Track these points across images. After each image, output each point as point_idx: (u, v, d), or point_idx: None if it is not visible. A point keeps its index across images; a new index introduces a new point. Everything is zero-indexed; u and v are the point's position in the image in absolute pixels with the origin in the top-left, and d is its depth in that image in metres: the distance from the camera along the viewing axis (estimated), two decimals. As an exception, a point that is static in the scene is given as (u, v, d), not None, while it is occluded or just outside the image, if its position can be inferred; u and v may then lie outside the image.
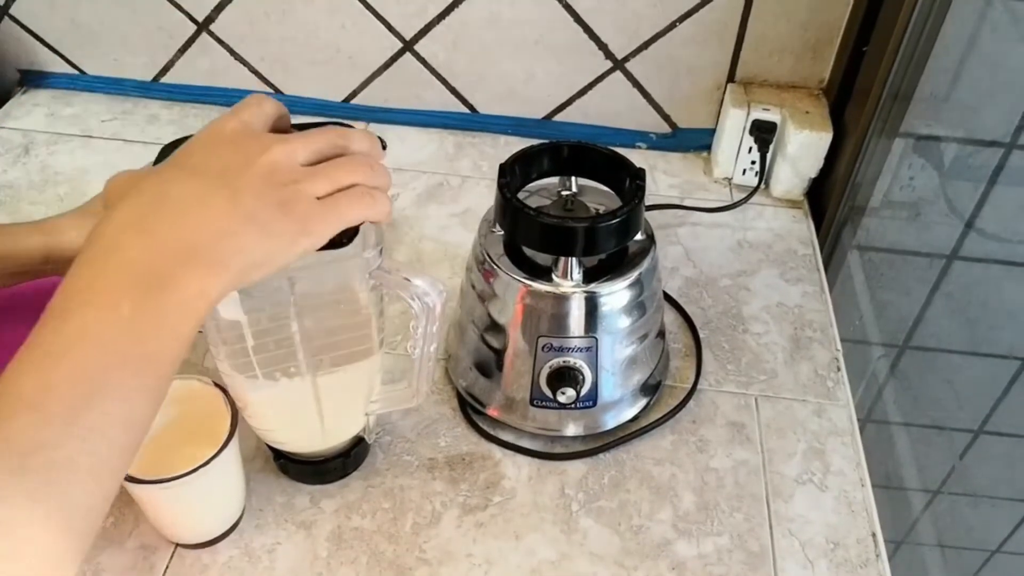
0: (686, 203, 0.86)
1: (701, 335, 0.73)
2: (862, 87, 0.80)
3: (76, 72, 1.00)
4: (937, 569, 1.00)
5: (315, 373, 0.53)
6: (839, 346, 0.73)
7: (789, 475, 0.63)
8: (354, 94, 0.97)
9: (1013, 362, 0.91)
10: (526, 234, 0.61)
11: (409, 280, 0.50)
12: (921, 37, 0.74)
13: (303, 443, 0.60)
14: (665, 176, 0.91)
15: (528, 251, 0.63)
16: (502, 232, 0.64)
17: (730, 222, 0.84)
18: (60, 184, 0.88)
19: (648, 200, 0.85)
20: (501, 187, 0.61)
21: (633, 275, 0.62)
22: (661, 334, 0.69)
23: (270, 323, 0.49)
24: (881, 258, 0.88)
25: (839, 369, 0.71)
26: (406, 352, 0.55)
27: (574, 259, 0.61)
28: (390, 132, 0.96)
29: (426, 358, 0.55)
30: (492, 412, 0.66)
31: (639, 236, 0.63)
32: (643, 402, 0.67)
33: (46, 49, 0.98)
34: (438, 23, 0.88)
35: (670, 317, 0.75)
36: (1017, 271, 0.88)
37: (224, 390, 0.58)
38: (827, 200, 0.85)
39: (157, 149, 0.91)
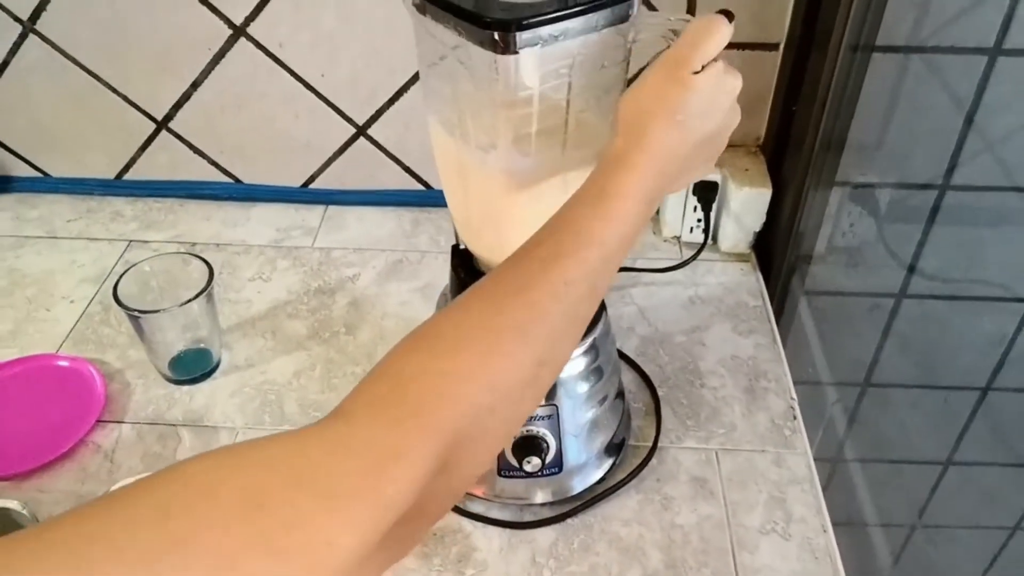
0: (638, 263, 0.89)
1: (660, 392, 0.75)
2: (795, 142, 0.84)
3: (40, 175, 1.02)
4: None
5: (573, 151, 0.53)
6: (794, 394, 0.76)
7: (753, 526, 0.65)
8: (312, 179, 0.99)
9: (971, 393, 0.94)
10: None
11: (667, 17, 0.51)
12: (844, 93, 0.78)
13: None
14: (618, 238, 0.94)
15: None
16: (459, 309, 0.66)
17: (681, 279, 0.88)
18: (28, 286, 0.89)
19: (602, 264, 0.88)
20: (455, 268, 0.64)
21: (588, 341, 0.65)
22: (620, 394, 0.71)
23: (550, 90, 0.50)
24: (830, 303, 0.92)
25: (795, 417, 0.73)
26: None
27: (529, 331, 0.63)
28: (348, 213, 0.99)
29: None
30: (461, 485, 0.67)
31: (590, 304, 0.66)
32: (608, 462, 0.69)
33: (9, 154, 1.00)
34: (388, 108, 0.92)
35: (629, 376, 0.77)
36: (961, 305, 0.91)
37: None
38: (773, 251, 0.88)
39: (123, 245, 0.95)
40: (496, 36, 0.44)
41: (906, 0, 0.76)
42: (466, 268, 0.63)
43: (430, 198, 0.99)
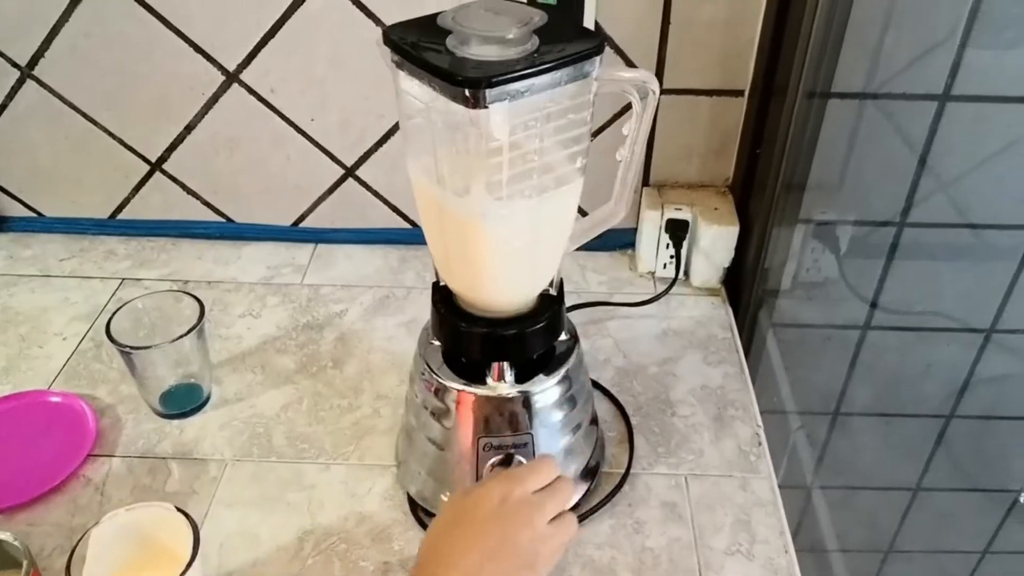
0: (615, 298, 0.93)
1: (633, 421, 0.79)
2: (760, 183, 0.88)
3: (34, 215, 1.05)
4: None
5: (541, 195, 0.57)
6: (760, 422, 0.79)
7: (719, 547, 0.68)
8: (302, 218, 1.03)
9: (931, 420, 0.98)
10: (461, 344, 0.67)
11: (626, 73, 0.56)
12: (803, 137, 0.83)
13: (509, 286, 0.63)
14: (594, 274, 0.98)
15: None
16: (440, 343, 0.69)
17: (655, 313, 0.91)
18: (21, 324, 0.92)
19: (579, 298, 0.93)
20: (435, 303, 0.67)
21: (561, 372, 0.68)
22: (594, 421, 0.75)
23: (520, 140, 0.53)
24: (796, 335, 0.96)
25: (760, 444, 0.77)
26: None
27: (506, 363, 0.66)
28: (337, 251, 1.03)
29: (636, 162, 0.61)
30: (442, 512, 0.70)
31: (563, 336, 0.70)
32: (583, 488, 0.72)
33: (4, 195, 1.03)
34: (376, 150, 0.96)
35: (604, 406, 0.81)
36: (921, 336, 0.95)
37: (187, 514, 0.62)
38: (742, 286, 0.92)
39: (115, 283, 0.97)
40: (467, 92, 0.49)
41: (857, 51, 0.81)
42: (446, 304, 0.67)
43: (416, 236, 1.02)
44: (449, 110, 0.50)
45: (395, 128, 0.94)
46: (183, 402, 0.81)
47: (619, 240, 1.01)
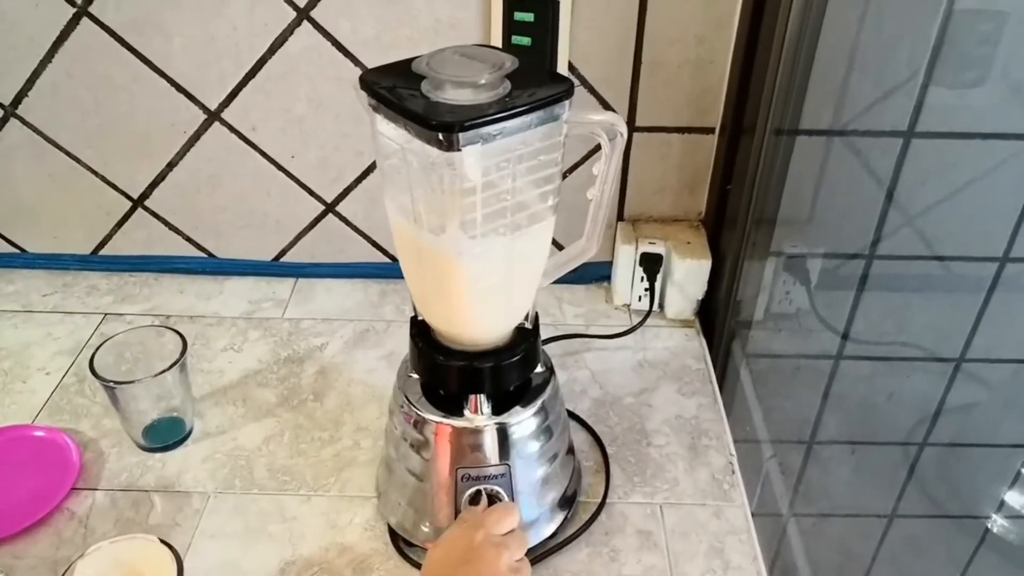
0: (591, 330, 0.95)
1: (609, 451, 0.80)
2: (731, 217, 0.91)
3: (17, 251, 1.06)
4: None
5: (514, 233, 0.59)
6: (733, 451, 0.81)
7: (694, 575, 0.69)
8: (283, 253, 1.05)
9: (901, 448, 0.99)
10: (438, 377, 0.69)
11: (595, 116, 0.59)
12: (772, 172, 0.85)
13: (485, 320, 0.65)
14: (571, 307, 1.00)
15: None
16: (418, 376, 0.71)
17: (631, 344, 0.93)
18: (4, 359, 0.92)
19: (556, 330, 0.95)
20: (413, 337, 0.69)
21: (537, 403, 0.70)
22: (571, 451, 0.76)
23: (493, 180, 0.55)
24: (769, 366, 0.98)
25: (733, 472, 0.78)
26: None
27: (483, 395, 0.68)
28: (318, 285, 1.04)
29: (607, 201, 0.63)
30: (422, 543, 0.71)
31: (539, 368, 0.71)
32: (561, 516, 0.73)
33: (-13, 232, 1.04)
34: (355, 187, 0.98)
35: (581, 437, 0.82)
36: (892, 366, 0.98)
37: (170, 546, 0.62)
38: (715, 318, 0.94)
39: (98, 318, 0.98)
40: (441, 136, 0.51)
41: (823, 89, 0.84)
42: (424, 338, 0.68)
43: (396, 270, 1.03)
44: (424, 152, 0.52)
45: (374, 165, 0.96)
46: (166, 436, 0.82)
47: (595, 273, 1.03)
